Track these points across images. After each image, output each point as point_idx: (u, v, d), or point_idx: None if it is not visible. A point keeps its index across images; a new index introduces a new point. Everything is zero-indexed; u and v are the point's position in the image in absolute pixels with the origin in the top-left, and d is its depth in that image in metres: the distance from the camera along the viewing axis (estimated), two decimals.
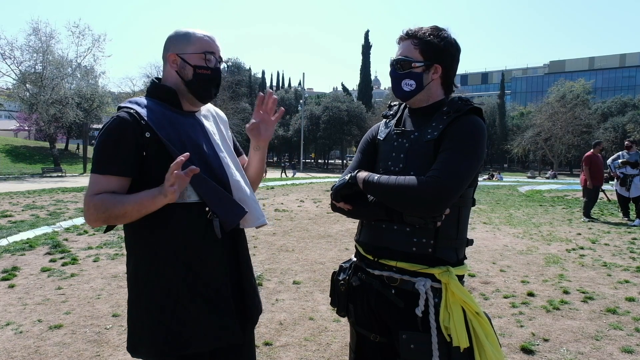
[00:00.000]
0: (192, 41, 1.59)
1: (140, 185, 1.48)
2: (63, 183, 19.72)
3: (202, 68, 1.58)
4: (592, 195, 9.75)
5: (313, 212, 10.15)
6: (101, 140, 1.48)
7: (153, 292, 1.52)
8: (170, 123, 1.54)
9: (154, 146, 1.48)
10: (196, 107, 1.67)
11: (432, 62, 1.56)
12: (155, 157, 1.48)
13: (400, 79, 1.59)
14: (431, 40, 1.55)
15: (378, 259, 1.57)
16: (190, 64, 1.58)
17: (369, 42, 61.49)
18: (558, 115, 47.31)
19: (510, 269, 5.41)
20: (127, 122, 1.47)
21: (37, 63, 29.95)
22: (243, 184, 1.65)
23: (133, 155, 1.47)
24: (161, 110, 1.56)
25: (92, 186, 1.47)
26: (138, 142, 1.46)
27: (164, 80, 1.63)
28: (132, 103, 1.56)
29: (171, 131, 1.52)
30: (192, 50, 1.58)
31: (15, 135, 48.80)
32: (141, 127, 1.47)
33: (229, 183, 1.59)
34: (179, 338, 1.49)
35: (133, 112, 1.50)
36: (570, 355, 3.13)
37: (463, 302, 1.46)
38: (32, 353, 3.07)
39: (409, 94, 1.60)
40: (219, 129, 1.73)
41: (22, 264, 5.35)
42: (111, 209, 1.42)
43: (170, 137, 1.50)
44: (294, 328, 3.54)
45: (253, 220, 1.63)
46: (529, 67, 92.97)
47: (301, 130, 47.21)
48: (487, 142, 1.54)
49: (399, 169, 1.56)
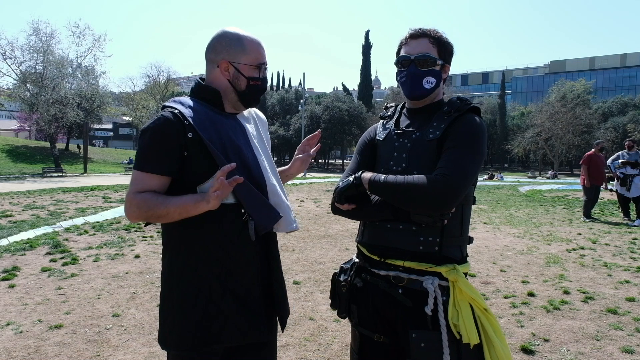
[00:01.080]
0: (247, 50, 1.59)
1: (181, 184, 1.52)
2: (63, 183, 19.73)
3: (255, 79, 1.62)
4: (592, 195, 9.75)
5: (313, 212, 10.15)
6: (145, 139, 1.50)
7: (186, 287, 1.55)
8: (212, 124, 1.56)
9: (196, 147, 1.50)
10: (239, 109, 1.69)
11: (444, 62, 1.61)
12: (196, 157, 1.51)
13: (422, 76, 1.59)
14: (446, 41, 1.60)
15: (384, 259, 1.57)
16: (244, 76, 1.60)
17: (370, 42, 61.45)
18: (559, 115, 47.27)
19: (510, 269, 5.40)
20: (171, 122, 1.49)
21: (37, 63, 29.98)
22: (279, 188, 1.67)
23: (176, 155, 1.49)
24: (204, 111, 1.58)
25: (134, 183, 1.50)
26: (181, 142, 1.49)
27: (210, 82, 1.64)
28: (177, 103, 1.58)
29: (213, 132, 1.54)
30: (246, 62, 1.60)
31: (16, 135, 48.87)
32: (184, 128, 1.49)
33: (266, 186, 1.62)
34: (208, 332, 1.53)
35: (177, 112, 1.52)
36: (571, 355, 3.12)
37: (471, 299, 1.47)
38: (33, 353, 3.07)
39: (428, 92, 1.61)
40: (259, 131, 1.75)
41: (23, 263, 5.35)
42: (153, 209, 1.46)
43: (212, 138, 1.52)
44: (294, 328, 3.54)
45: (286, 225, 1.66)
46: (529, 67, 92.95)
47: (302, 130, 47.10)
48: (487, 142, 1.55)
49: (402, 169, 1.57)
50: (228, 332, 1.54)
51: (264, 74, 1.66)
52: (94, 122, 40.77)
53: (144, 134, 1.51)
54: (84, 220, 8.49)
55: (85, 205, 10.69)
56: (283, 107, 59.71)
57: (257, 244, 1.60)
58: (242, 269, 1.57)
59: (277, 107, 59.47)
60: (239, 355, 1.63)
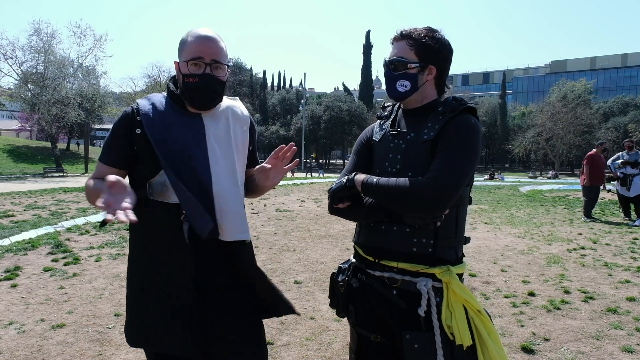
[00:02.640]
0: (185, 47, 1.55)
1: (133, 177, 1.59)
2: (65, 183, 19.75)
3: (190, 76, 1.53)
4: (592, 194, 9.76)
5: (314, 212, 10.16)
6: (109, 131, 1.62)
7: (130, 286, 1.63)
8: (163, 122, 1.55)
9: (143, 142, 1.53)
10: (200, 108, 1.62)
11: (427, 63, 1.57)
12: (144, 152, 1.54)
13: (395, 79, 1.59)
14: (426, 41, 1.55)
15: (379, 260, 1.57)
16: (181, 73, 1.57)
17: (370, 42, 61.46)
18: (559, 115, 47.27)
19: (511, 268, 5.41)
20: (125, 117, 1.57)
21: (38, 63, 30.02)
22: (230, 193, 1.58)
23: (125, 148, 1.55)
24: (165, 108, 1.58)
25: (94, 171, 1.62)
26: (130, 137, 1.54)
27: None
28: (144, 99, 1.63)
29: (161, 130, 1.54)
30: (183, 58, 1.55)
31: (17, 135, 48.90)
32: (135, 123, 1.54)
33: (212, 189, 1.54)
34: (142, 335, 1.58)
35: (135, 107, 1.57)
36: (571, 354, 3.13)
37: (464, 301, 1.47)
38: (35, 352, 3.08)
39: (403, 95, 1.60)
40: (228, 131, 1.65)
41: (25, 263, 5.37)
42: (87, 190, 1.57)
43: (159, 135, 1.53)
44: (295, 327, 3.55)
45: (232, 232, 1.57)
46: (530, 67, 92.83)
47: (302, 130, 47.14)
48: (483, 141, 1.54)
49: (396, 170, 1.56)
50: (157, 338, 1.53)
51: (206, 71, 1.52)
52: (95, 122, 40.79)
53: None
54: (85, 220, 8.51)
55: (87, 205, 10.70)
56: (284, 107, 59.70)
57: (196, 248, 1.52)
58: (178, 273, 1.53)
59: (277, 107, 59.47)
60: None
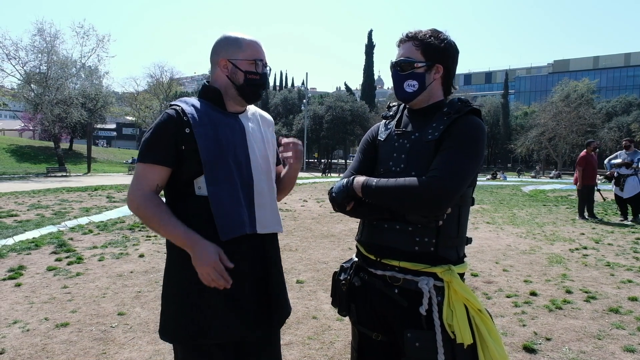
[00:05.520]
0: (243, 48, 1.68)
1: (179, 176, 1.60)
2: (68, 183, 19.80)
3: (252, 74, 1.68)
4: (585, 195, 9.78)
5: (316, 212, 10.18)
6: (148, 133, 1.61)
7: (179, 281, 1.62)
8: (210, 121, 1.63)
9: (192, 142, 1.58)
10: (241, 108, 1.75)
11: (434, 62, 1.58)
12: (193, 152, 1.58)
13: (402, 80, 1.61)
14: (432, 41, 1.57)
15: (380, 259, 1.58)
16: (241, 70, 1.68)
17: (373, 42, 61.44)
18: (562, 114, 47.16)
19: (513, 268, 5.42)
20: (171, 118, 1.59)
21: (41, 63, 30.02)
22: (267, 189, 1.73)
23: (173, 147, 1.58)
24: (206, 109, 1.65)
25: (136, 176, 1.60)
26: (178, 136, 1.58)
27: (212, 82, 1.73)
28: (181, 101, 1.67)
29: (210, 129, 1.61)
30: (243, 57, 1.68)
31: (20, 135, 49.09)
32: (183, 123, 1.59)
33: (253, 186, 1.68)
34: (198, 327, 1.57)
35: (179, 109, 1.62)
36: (573, 354, 3.14)
37: (465, 300, 1.48)
38: (39, 351, 3.11)
39: (411, 95, 1.61)
40: (261, 131, 1.79)
41: (28, 263, 5.40)
42: (150, 217, 1.56)
43: (208, 134, 1.59)
44: (297, 327, 3.57)
45: (269, 225, 1.71)
46: (532, 67, 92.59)
47: (304, 130, 47.18)
48: (487, 142, 1.55)
49: (400, 170, 1.58)
50: (216, 327, 1.57)
51: (263, 70, 1.71)
52: (97, 122, 40.85)
53: (148, 130, 1.62)
54: (89, 220, 8.54)
55: (90, 205, 10.74)
56: (286, 107, 59.74)
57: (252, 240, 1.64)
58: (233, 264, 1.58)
59: (279, 107, 59.51)
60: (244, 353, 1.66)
